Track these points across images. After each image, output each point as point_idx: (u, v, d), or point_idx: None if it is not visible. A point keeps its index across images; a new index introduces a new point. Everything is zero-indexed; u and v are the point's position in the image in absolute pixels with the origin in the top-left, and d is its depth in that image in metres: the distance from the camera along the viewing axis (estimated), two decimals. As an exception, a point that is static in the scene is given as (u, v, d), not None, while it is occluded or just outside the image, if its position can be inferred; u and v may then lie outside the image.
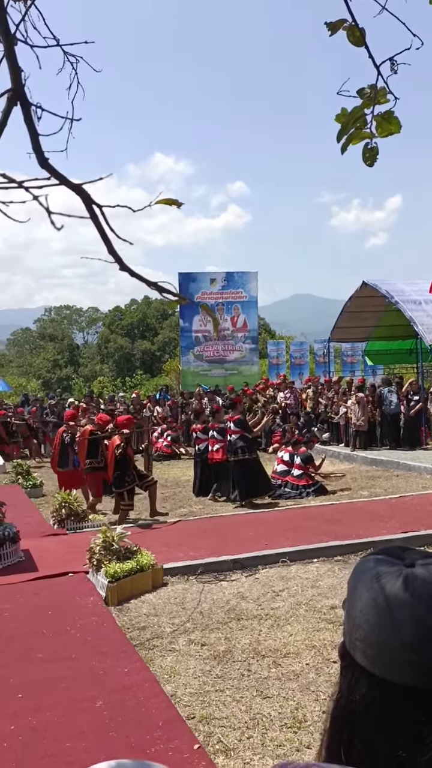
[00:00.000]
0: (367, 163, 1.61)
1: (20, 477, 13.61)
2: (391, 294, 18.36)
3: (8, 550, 7.62)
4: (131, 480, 9.93)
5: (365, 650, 0.81)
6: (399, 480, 12.97)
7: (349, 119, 1.50)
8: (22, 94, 0.76)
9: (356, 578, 0.86)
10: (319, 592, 6.44)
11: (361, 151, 1.58)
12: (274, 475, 12.67)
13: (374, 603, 0.81)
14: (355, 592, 0.84)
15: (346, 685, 0.83)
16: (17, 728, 4.02)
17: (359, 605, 0.83)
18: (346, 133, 1.53)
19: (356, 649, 0.82)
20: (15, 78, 0.76)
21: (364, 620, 0.81)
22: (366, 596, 0.82)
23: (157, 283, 0.81)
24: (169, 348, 55.96)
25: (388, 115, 1.51)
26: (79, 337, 72.79)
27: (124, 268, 0.77)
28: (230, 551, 7.65)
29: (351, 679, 0.82)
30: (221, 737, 3.92)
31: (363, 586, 0.83)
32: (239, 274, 27.42)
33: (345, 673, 0.84)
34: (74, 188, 0.73)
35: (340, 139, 1.54)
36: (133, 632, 5.62)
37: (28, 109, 0.78)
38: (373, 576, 0.83)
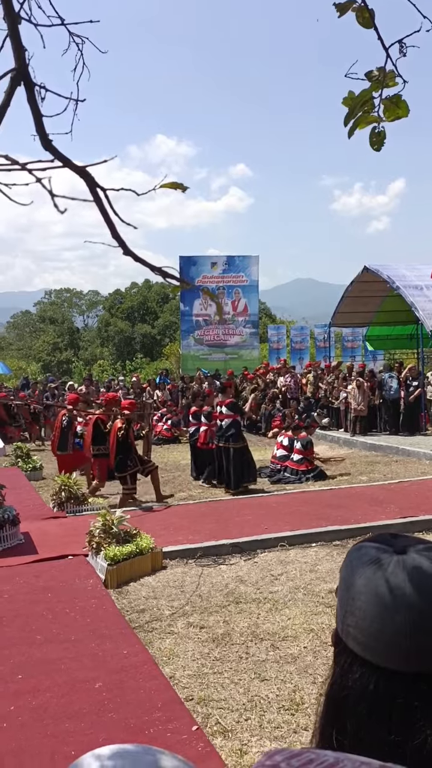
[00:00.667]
0: (374, 148, 1.59)
1: (20, 460, 13.64)
2: (392, 279, 18.30)
3: (8, 533, 7.64)
4: (133, 464, 9.96)
5: (357, 636, 0.82)
6: (398, 465, 13.00)
7: (356, 102, 1.48)
8: (26, 74, 0.75)
9: (348, 566, 0.87)
10: (317, 576, 6.48)
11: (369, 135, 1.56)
12: (274, 459, 12.69)
13: (366, 590, 0.82)
14: (347, 579, 0.85)
15: (339, 670, 0.84)
16: (17, 709, 4.05)
17: (351, 592, 0.83)
18: (354, 117, 1.50)
19: (349, 636, 0.83)
20: (19, 57, 0.75)
21: (356, 607, 0.82)
22: (358, 583, 0.83)
23: (160, 268, 0.80)
24: (170, 332, 55.88)
25: (396, 98, 1.49)
26: (79, 321, 72.64)
27: (127, 253, 0.76)
28: (229, 535, 7.69)
29: (344, 665, 0.83)
30: (219, 719, 3.96)
31: (355, 573, 0.84)
32: (240, 258, 27.33)
33: (338, 659, 0.85)
34: (78, 171, 0.72)
35: (347, 123, 1.52)
36: (132, 615, 5.66)
37: (32, 89, 0.76)
38: (364, 563, 0.84)
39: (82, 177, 0.72)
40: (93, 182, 0.72)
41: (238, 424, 11.26)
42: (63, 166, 0.72)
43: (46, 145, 0.74)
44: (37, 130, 0.75)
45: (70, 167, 0.72)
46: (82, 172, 0.72)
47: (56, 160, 0.72)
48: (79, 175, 0.73)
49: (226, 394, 11.48)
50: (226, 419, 11.14)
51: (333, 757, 0.67)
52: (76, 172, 0.72)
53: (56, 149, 0.72)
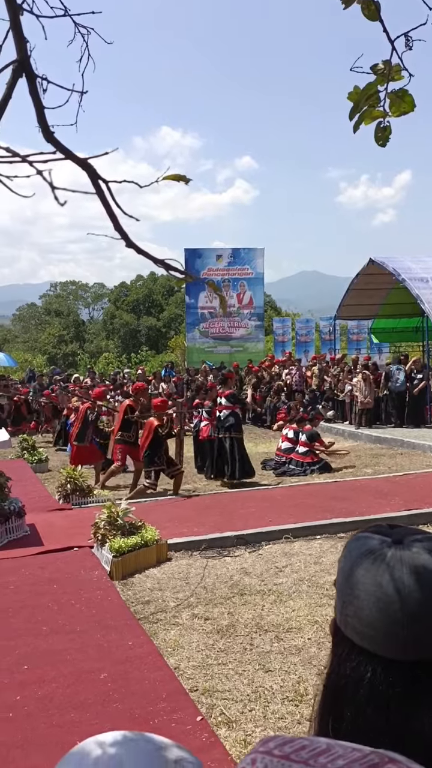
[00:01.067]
0: (380, 144, 1.59)
1: (26, 452, 13.68)
2: (398, 272, 18.24)
3: (14, 525, 7.68)
4: (160, 462, 10.01)
5: (356, 626, 0.82)
6: (403, 458, 13.00)
7: (361, 96, 1.47)
8: (28, 66, 0.75)
9: (347, 556, 0.88)
10: (321, 569, 6.49)
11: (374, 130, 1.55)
12: (279, 452, 12.70)
13: (365, 580, 0.83)
14: (346, 569, 0.86)
15: (336, 659, 0.85)
16: (23, 699, 4.08)
17: (350, 582, 0.84)
18: (359, 111, 1.50)
19: (347, 625, 0.84)
20: (20, 49, 0.74)
21: (354, 597, 0.83)
22: (357, 573, 0.84)
23: (164, 261, 0.80)
24: (175, 324, 55.88)
25: (402, 92, 1.47)
26: (84, 313, 72.66)
27: (130, 245, 0.76)
28: (234, 527, 7.70)
29: (342, 654, 0.84)
30: (224, 709, 3.98)
31: (354, 563, 0.85)
32: (245, 251, 27.27)
33: (336, 648, 0.86)
34: (80, 163, 0.72)
35: (352, 118, 1.51)
36: (137, 606, 5.68)
37: (34, 81, 0.76)
38: (363, 553, 0.85)
39: (84, 169, 0.72)
40: (95, 174, 0.72)
41: (237, 416, 11.23)
42: (65, 158, 0.72)
43: (48, 137, 0.73)
44: (39, 122, 0.75)
45: (72, 159, 0.72)
46: (84, 164, 0.72)
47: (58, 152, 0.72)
48: (81, 167, 0.72)
49: (227, 386, 11.48)
50: (225, 410, 11.13)
51: (325, 743, 0.67)
52: (78, 164, 0.72)
53: (58, 141, 0.72)
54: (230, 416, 11.08)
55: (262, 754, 0.67)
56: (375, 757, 0.64)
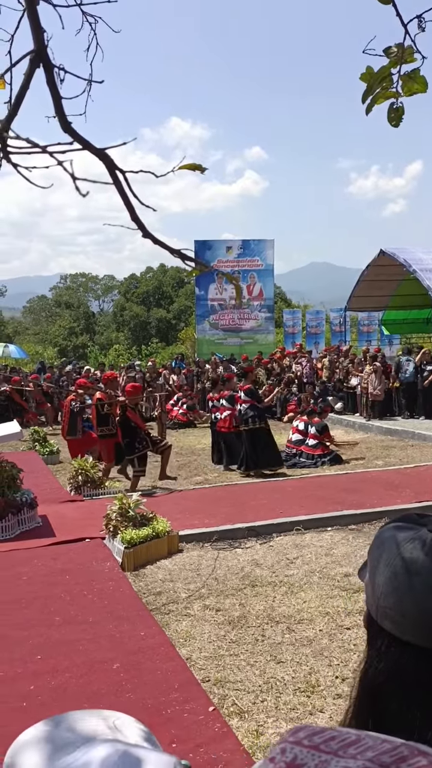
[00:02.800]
0: (393, 124, 1.58)
1: (37, 444, 13.74)
2: (409, 263, 18.16)
3: (26, 516, 7.72)
4: (142, 446, 10.01)
5: (394, 617, 0.80)
6: (414, 450, 12.96)
7: (374, 79, 1.46)
8: (45, 56, 0.74)
9: (379, 546, 0.86)
10: (332, 560, 6.49)
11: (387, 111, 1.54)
12: (289, 444, 12.69)
13: (402, 569, 0.80)
14: (379, 560, 0.84)
15: (374, 653, 0.83)
16: (36, 689, 4.11)
17: (386, 573, 0.82)
18: (372, 93, 1.49)
19: (385, 617, 0.82)
20: (38, 39, 0.74)
21: (392, 587, 0.81)
22: (393, 563, 0.82)
23: (179, 251, 0.80)
24: (185, 316, 55.86)
25: (414, 74, 1.46)
26: (94, 305, 72.76)
27: (147, 235, 0.76)
28: (245, 519, 7.72)
29: (380, 648, 0.82)
30: (236, 700, 3.99)
31: (387, 553, 0.83)
32: (255, 242, 27.20)
33: (373, 642, 0.84)
34: (97, 153, 0.72)
35: (365, 100, 1.50)
36: (149, 597, 5.71)
37: (51, 71, 0.76)
38: (397, 543, 0.83)
39: (101, 159, 0.72)
40: (112, 164, 0.72)
41: (256, 407, 11.26)
42: (83, 148, 0.72)
43: (66, 128, 0.73)
44: (57, 112, 0.74)
45: (90, 150, 0.72)
46: (101, 155, 0.72)
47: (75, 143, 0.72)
48: (98, 158, 0.72)
49: (247, 380, 11.52)
50: (245, 404, 11.18)
51: (355, 734, 0.67)
52: (96, 154, 0.72)
53: (76, 131, 0.72)
54: (250, 409, 11.12)
55: (292, 744, 0.67)
56: (405, 750, 0.64)
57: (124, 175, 0.72)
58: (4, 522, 7.46)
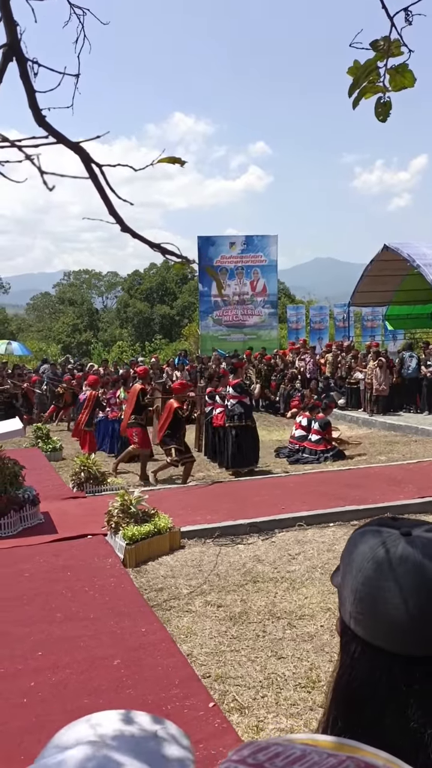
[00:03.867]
0: (380, 119, 1.57)
1: (40, 440, 13.75)
2: (412, 258, 18.12)
3: (28, 512, 7.73)
4: (177, 443, 10.24)
5: (367, 623, 0.78)
6: (417, 445, 12.94)
7: (361, 72, 1.45)
8: (18, 49, 0.74)
9: (351, 551, 0.84)
10: (334, 556, 6.48)
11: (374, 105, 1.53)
12: (292, 440, 12.68)
13: (375, 574, 0.78)
14: (352, 564, 0.82)
15: (348, 660, 0.81)
16: (37, 684, 4.12)
17: (358, 577, 0.80)
18: (358, 86, 1.48)
19: (358, 623, 0.80)
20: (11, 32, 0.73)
21: (365, 593, 0.79)
22: (366, 567, 0.80)
23: (159, 245, 0.79)
24: (188, 312, 55.81)
25: (401, 68, 1.45)
26: (98, 302, 72.74)
27: (125, 230, 0.75)
28: (247, 515, 7.71)
29: (354, 654, 0.80)
30: (236, 696, 4.00)
31: (359, 557, 0.81)
32: (259, 238, 27.12)
33: (346, 649, 0.82)
34: (72, 146, 0.71)
35: (351, 93, 1.49)
36: (151, 593, 5.71)
37: (24, 64, 0.75)
38: (369, 547, 0.81)
39: (76, 152, 0.71)
40: (88, 158, 0.71)
41: (245, 404, 11.19)
42: (57, 142, 0.71)
43: (40, 121, 0.72)
44: (30, 106, 0.73)
45: (64, 143, 0.71)
46: (75, 148, 0.71)
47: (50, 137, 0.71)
48: (73, 151, 0.71)
49: (237, 375, 11.46)
50: (233, 399, 11.12)
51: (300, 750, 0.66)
52: (70, 147, 0.71)
53: (50, 125, 0.71)
54: (237, 405, 11.06)
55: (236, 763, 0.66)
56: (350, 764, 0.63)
57: (101, 168, 0.71)
58: (6, 519, 7.47)
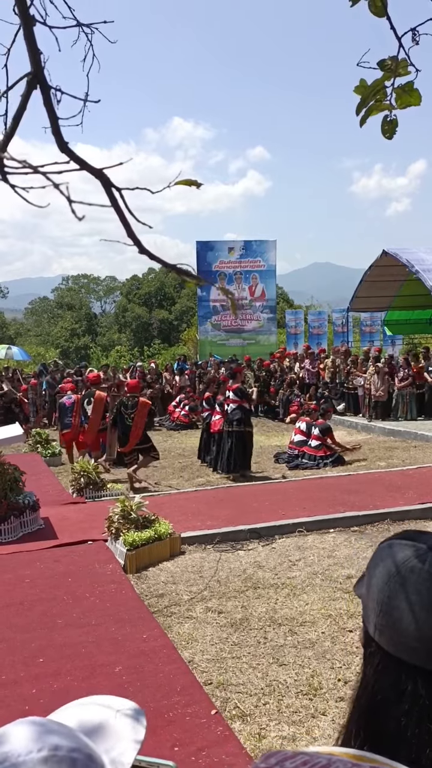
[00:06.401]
0: (386, 136, 1.58)
1: (39, 446, 13.75)
2: (411, 263, 18.13)
3: (28, 518, 7.73)
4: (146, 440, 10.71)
5: (393, 636, 0.79)
6: (417, 451, 12.95)
7: (369, 92, 1.46)
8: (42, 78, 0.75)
9: (379, 563, 0.84)
10: (335, 562, 6.49)
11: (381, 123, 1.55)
12: (291, 445, 12.68)
13: (400, 587, 0.79)
14: (378, 577, 0.83)
15: (372, 672, 0.82)
16: (38, 692, 4.12)
17: (384, 590, 0.81)
18: (366, 105, 1.49)
19: (383, 636, 0.80)
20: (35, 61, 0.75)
21: (392, 606, 0.79)
22: (392, 580, 0.80)
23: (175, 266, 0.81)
24: (187, 317, 55.85)
25: (408, 87, 1.47)
26: (96, 306, 72.81)
27: (143, 251, 0.76)
28: (247, 521, 7.72)
29: (378, 666, 0.81)
30: (238, 703, 4.00)
31: (386, 570, 0.82)
32: (258, 243, 27.15)
33: (370, 660, 0.83)
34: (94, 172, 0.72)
35: (359, 112, 1.51)
36: (151, 599, 5.71)
37: (48, 92, 0.77)
38: (395, 560, 0.81)
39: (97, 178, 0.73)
40: (108, 183, 0.72)
41: (244, 410, 11.22)
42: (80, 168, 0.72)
43: (63, 148, 0.74)
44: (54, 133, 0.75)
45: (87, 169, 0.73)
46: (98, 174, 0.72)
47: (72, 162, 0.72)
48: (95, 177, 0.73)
49: (236, 380, 11.47)
50: (233, 404, 11.14)
51: (326, 759, 0.66)
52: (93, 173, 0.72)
53: (72, 151, 0.73)
54: (237, 410, 11.08)
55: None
56: None
57: (120, 192, 0.73)
58: (6, 524, 7.47)
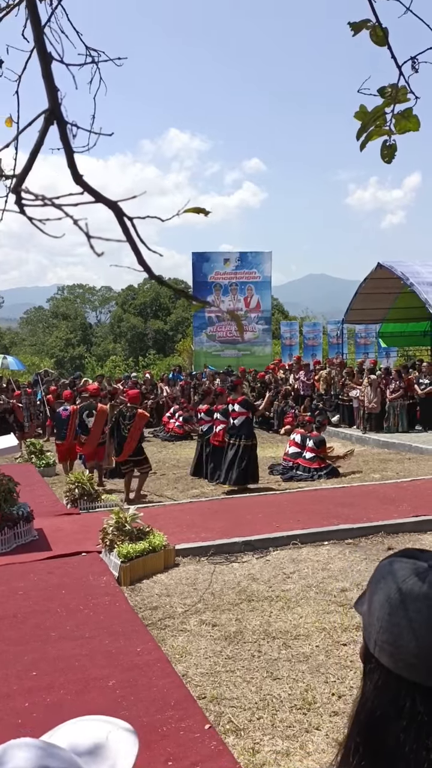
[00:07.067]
0: (385, 160, 1.61)
1: (33, 456, 13.72)
2: (406, 276, 18.23)
3: (22, 529, 7.70)
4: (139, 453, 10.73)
5: (393, 653, 0.79)
6: (411, 463, 12.97)
7: (369, 118, 1.49)
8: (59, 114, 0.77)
9: (378, 580, 0.85)
10: (329, 575, 6.49)
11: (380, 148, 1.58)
12: (286, 457, 12.68)
13: (401, 604, 0.80)
14: (379, 593, 0.84)
15: (371, 688, 0.82)
16: (31, 705, 4.10)
17: (385, 607, 0.82)
18: (366, 131, 1.52)
19: (383, 652, 0.81)
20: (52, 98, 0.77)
21: (391, 622, 0.80)
22: (392, 597, 0.81)
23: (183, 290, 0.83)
24: (182, 328, 55.91)
25: (407, 113, 1.50)
26: (92, 316, 72.78)
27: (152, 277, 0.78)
28: (241, 533, 7.71)
29: (377, 683, 0.81)
30: (232, 717, 3.99)
31: (386, 587, 0.83)
32: (253, 254, 27.27)
33: (370, 677, 0.83)
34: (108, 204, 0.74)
35: (359, 137, 1.54)
36: (145, 612, 5.70)
37: (64, 127, 0.79)
38: (397, 577, 0.82)
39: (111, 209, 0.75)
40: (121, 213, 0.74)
41: (250, 422, 11.27)
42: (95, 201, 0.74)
43: (78, 180, 0.76)
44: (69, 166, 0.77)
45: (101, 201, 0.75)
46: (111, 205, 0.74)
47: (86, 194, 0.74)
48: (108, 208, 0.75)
49: (237, 392, 11.50)
50: (239, 417, 11.16)
51: None
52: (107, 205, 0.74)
53: (87, 183, 0.74)
54: (244, 424, 11.12)
55: None
56: None
57: (132, 221, 0.75)
58: (0, 536, 7.44)
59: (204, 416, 12.52)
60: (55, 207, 0.68)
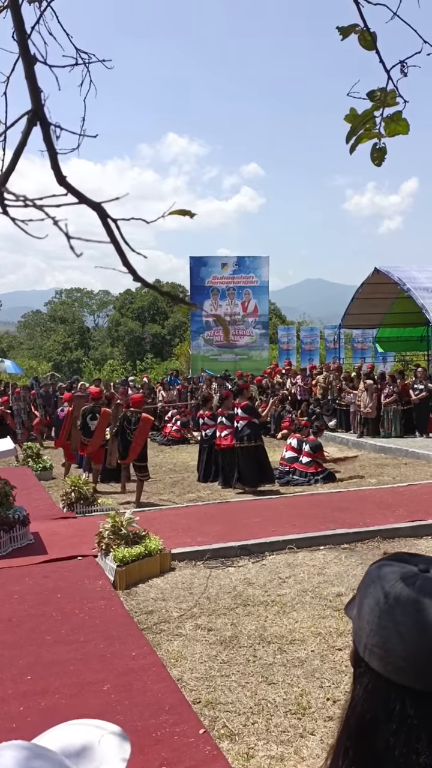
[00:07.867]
0: (375, 163, 1.62)
1: (30, 459, 13.70)
2: (403, 281, 18.28)
3: (18, 533, 7.69)
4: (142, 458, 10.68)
5: (383, 656, 0.79)
6: (407, 468, 12.98)
7: (359, 121, 1.50)
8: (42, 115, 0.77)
9: (368, 584, 0.85)
10: (325, 580, 6.49)
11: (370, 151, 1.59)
12: (282, 461, 12.68)
13: (390, 608, 0.80)
14: (368, 597, 0.84)
15: (361, 692, 0.82)
16: (26, 709, 4.08)
17: (374, 611, 0.82)
18: (355, 134, 1.53)
19: (373, 656, 0.81)
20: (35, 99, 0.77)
21: (380, 626, 0.80)
22: (382, 601, 0.81)
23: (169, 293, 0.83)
24: (180, 332, 55.96)
25: (396, 116, 1.51)
26: (89, 320, 72.84)
27: (137, 279, 0.78)
28: (238, 537, 7.70)
29: (367, 686, 0.82)
30: (226, 722, 3.98)
31: (376, 591, 0.83)
32: (251, 259, 27.32)
33: (360, 680, 0.83)
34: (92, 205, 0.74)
35: (349, 140, 1.55)
36: (141, 616, 5.69)
37: (48, 129, 0.79)
38: (386, 581, 0.82)
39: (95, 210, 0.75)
40: (105, 215, 0.74)
41: (253, 425, 11.30)
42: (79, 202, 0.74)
43: (61, 182, 0.76)
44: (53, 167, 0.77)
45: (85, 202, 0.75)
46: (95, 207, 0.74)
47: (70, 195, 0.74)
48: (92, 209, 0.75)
49: (243, 396, 11.54)
50: (242, 421, 11.21)
51: None
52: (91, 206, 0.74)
53: (70, 185, 0.75)
54: (246, 426, 11.16)
55: None
56: None
57: (116, 223, 0.75)
58: (-4, 539, 7.43)
59: (207, 421, 12.50)
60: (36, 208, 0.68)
